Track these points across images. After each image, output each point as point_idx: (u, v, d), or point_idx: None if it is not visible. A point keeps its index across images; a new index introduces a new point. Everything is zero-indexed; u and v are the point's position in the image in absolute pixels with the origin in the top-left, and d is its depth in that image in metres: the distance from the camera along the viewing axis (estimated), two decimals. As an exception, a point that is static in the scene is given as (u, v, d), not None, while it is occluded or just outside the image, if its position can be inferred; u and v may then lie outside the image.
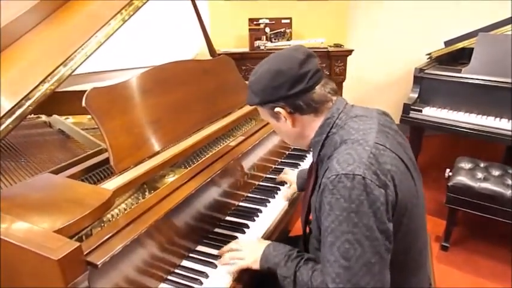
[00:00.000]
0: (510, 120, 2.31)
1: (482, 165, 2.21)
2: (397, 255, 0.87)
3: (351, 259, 0.80)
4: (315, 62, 0.94)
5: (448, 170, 2.15)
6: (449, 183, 2.07)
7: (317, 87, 0.93)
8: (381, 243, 0.81)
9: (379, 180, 0.81)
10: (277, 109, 0.95)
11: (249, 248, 1.09)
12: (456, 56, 2.87)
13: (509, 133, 2.26)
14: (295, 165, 1.66)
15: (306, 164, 1.68)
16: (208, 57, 1.85)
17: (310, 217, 1.05)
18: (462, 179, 2.06)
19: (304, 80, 0.91)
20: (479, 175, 2.09)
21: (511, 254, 2.12)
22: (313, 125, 0.97)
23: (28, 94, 0.98)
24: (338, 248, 0.81)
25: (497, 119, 2.35)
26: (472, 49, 2.51)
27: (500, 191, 1.95)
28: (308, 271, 0.93)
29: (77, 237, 0.88)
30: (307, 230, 1.11)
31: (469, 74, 2.43)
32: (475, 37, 2.53)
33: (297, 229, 1.63)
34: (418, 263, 0.98)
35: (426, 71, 2.60)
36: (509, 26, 2.58)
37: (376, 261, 0.81)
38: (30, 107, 0.99)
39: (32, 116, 1.65)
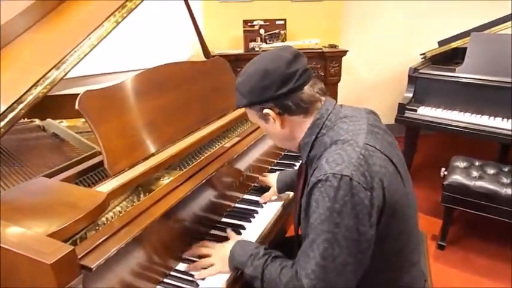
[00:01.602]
0: (504, 119, 2.32)
1: (477, 163, 2.22)
2: (390, 256, 0.88)
3: (328, 258, 0.82)
4: (303, 61, 0.94)
5: (443, 169, 2.16)
6: (445, 182, 2.08)
7: (306, 87, 0.93)
8: (359, 245, 0.82)
9: (366, 182, 0.82)
10: (265, 110, 0.94)
11: (218, 251, 1.07)
12: (450, 55, 2.89)
13: (504, 131, 2.28)
14: (291, 166, 1.66)
15: (302, 164, 1.68)
16: (203, 59, 1.85)
17: None
18: (458, 177, 2.07)
19: (292, 80, 0.90)
20: (475, 174, 2.10)
21: (507, 252, 2.13)
22: (302, 126, 0.96)
23: (20, 97, 0.98)
24: (318, 245, 0.83)
25: (492, 117, 2.37)
26: (465, 49, 2.52)
27: (496, 189, 1.96)
28: (276, 268, 0.93)
29: (71, 240, 0.87)
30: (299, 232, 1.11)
31: (463, 74, 2.44)
32: (468, 37, 2.55)
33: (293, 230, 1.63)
34: (411, 262, 0.98)
35: (420, 71, 2.61)
36: (502, 25, 2.61)
37: (351, 262, 0.82)
38: (23, 111, 0.98)
39: (26, 120, 1.63)
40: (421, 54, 2.96)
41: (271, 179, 1.45)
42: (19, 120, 1.04)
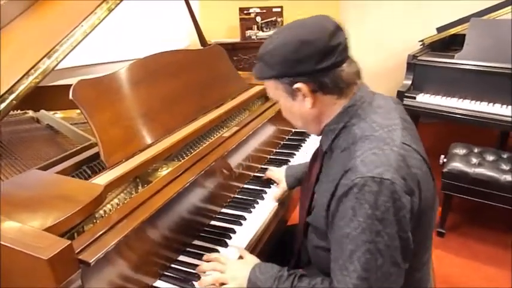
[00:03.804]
0: (503, 105, 2.31)
1: (476, 150, 2.21)
2: (416, 259, 0.85)
3: (371, 270, 0.75)
4: (344, 35, 0.85)
5: (442, 156, 2.15)
6: (444, 170, 2.07)
7: (344, 65, 0.84)
8: (400, 253, 0.77)
9: (407, 185, 0.76)
10: (297, 85, 0.83)
11: (232, 270, 0.98)
12: (449, 42, 2.86)
13: (503, 118, 2.27)
14: (290, 155, 1.64)
15: (301, 154, 1.66)
16: (200, 47, 1.81)
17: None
18: (457, 165, 2.06)
19: (334, 54, 0.81)
20: (474, 160, 2.10)
21: (506, 238, 2.14)
22: (332, 108, 0.87)
23: (11, 88, 0.94)
24: (358, 258, 0.76)
25: (491, 104, 2.35)
26: (464, 35, 2.49)
27: (495, 175, 1.96)
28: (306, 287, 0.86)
29: (68, 234, 0.85)
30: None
31: (462, 60, 2.41)
32: (467, 22, 2.51)
33: (294, 219, 1.61)
34: (422, 262, 0.94)
35: (419, 58, 2.58)
36: (501, 10, 2.57)
37: (394, 272, 0.77)
38: (14, 101, 0.95)
39: (19, 111, 1.60)
40: (419, 41, 2.92)
41: (278, 174, 1.37)
42: (11, 112, 1.00)
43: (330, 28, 0.83)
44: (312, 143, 1.75)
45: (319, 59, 0.81)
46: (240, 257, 1.06)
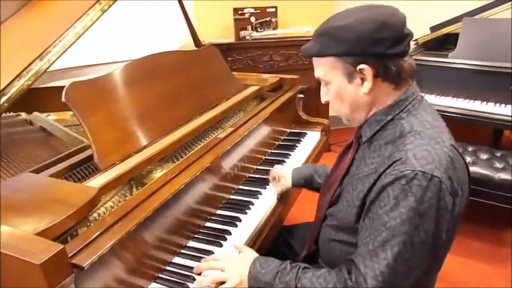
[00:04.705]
0: (497, 104, 2.32)
1: (470, 149, 2.23)
2: (436, 261, 0.86)
3: (400, 261, 0.77)
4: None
5: (437, 155, 2.16)
6: (439, 169, 2.08)
7: (407, 57, 0.84)
8: (430, 251, 0.79)
9: (452, 187, 0.77)
10: (362, 66, 0.81)
11: (232, 266, 0.96)
12: (442, 41, 2.88)
13: (496, 116, 2.28)
14: (285, 156, 1.64)
15: (296, 154, 1.66)
16: (194, 48, 1.81)
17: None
18: (451, 163, 2.07)
19: (404, 43, 0.82)
20: (468, 159, 2.11)
21: (502, 236, 2.15)
22: (385, 99, 0.86)
23: (3, 90, 0.93)
24: (392, 247, 0.77)
25: (484, 102, 2.37)
26: (457, 34, 2.51)
27: (489, 174, 1.97)
28: (311, 279, 0.85)
29: (61, 238, 0.84)
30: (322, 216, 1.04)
31: (455, 59, 2.43)
32: (460, 22, 2.53)
33: (290, 220, 1.61)
34: (439, 265, 0.95)
35: (413, 57, 2.58)
36: (493, 9, 2.59)
37: (417, 267, 0.79)
38: (6, 104, 0.94)
39: (11, 113, 1.58)
40: (413, 41, 2.94)
41: (284, 171, 1.35)
42: (3, 114, 0.99)
43: (404, 16, 0.84)
44: (307, 144, 1.75)
45: (392, 44, 0.80)
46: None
